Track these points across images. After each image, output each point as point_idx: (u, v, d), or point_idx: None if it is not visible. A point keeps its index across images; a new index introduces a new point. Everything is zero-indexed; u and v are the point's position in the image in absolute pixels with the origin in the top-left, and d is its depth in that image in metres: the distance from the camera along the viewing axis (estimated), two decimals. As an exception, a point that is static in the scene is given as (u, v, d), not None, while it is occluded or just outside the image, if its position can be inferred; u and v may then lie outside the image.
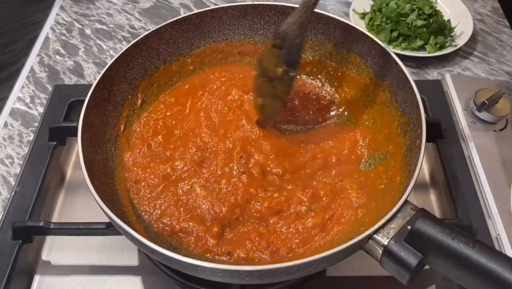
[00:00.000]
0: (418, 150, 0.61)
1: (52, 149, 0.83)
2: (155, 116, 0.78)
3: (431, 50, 1.00)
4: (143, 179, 0.71)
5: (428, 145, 0.84)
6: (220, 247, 0.63)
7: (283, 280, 0.60)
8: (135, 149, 0.74)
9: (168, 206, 0.68)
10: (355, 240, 0.53)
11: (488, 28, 1.10)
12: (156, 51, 0.80)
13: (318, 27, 0.81)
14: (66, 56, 1.07)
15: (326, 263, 0.56)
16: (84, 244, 0.76)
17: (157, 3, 1.20)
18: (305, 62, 0.85)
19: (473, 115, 0.84)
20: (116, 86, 0.75)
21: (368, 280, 0.72)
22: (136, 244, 0.57)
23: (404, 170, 0.65)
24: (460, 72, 1.00)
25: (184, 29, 0.81)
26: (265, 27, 0.84)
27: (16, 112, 0.95)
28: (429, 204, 0.81)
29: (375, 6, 1.08)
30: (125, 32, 1.13)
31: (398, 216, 0.55)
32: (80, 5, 1.21)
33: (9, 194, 0.78)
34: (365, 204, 0.65)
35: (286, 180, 0.69)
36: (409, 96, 0.68)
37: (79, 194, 0.84)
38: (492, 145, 0.81)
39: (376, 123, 0.75)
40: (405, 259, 0.52)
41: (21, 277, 0.72)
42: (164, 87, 0.83)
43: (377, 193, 0.66)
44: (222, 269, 0.51)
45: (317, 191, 0.67)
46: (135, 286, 0.72)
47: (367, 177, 0.69)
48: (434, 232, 0.51)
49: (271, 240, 0.63)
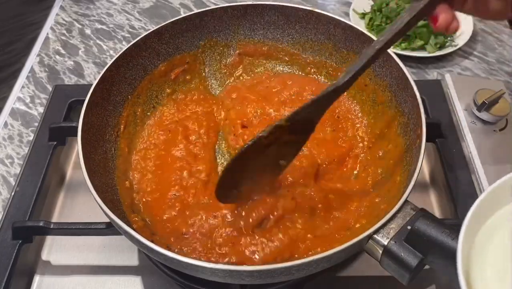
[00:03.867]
0: (418, 150, 0.61)
1: (52, 149, 0.83)
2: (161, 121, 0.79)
3: (431, 50, 1.00)
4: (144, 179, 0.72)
5: (428, 145, 0.84)
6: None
7: (283, 280, 0.60)
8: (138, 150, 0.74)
9: (169, 207, 0.68)
10: (355, 240, 0.53)
11: (488, 28, 1.10)
12: (156, 51, 0.80)
13: (318, 27, 0.81)
14: (66, 56, 1.07)
15: (326, 263, 0.56)
16: (84, 244, 0.76)
17: (157, 3, 1.20)
18: (305, 62, 0.85)
19: (473, 115, 0.84)
20: (116, 86, 0.75)
21: (368, 280, 0.72)
22: (136, 244, 0.57)
23: (404, 170, 0.65)
24: (460, 72, 1.00)
25: (184, 29, 0.81)
26: (265, 27, 0.84)
27: (16, 112, 0.95)
28: (429, 204, 0.81)
29: (375, 6, 1.08)
30: (125, 32, 1.13)
31: (398, 216, 0.55)
32: (80, 5, 1.20)
33: (9, 194, 0.78)
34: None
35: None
36: (409, 96, 0.68)
37: (79, 194, 0.84)
38: (492, 145, 0.80)
39: (376, 123, 0.75)
40: (405, 259, 0.52)
41: (21, 277, 0.72)
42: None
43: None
44: (222, 269, 0.51)
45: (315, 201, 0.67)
46: (135, 286, 0.72)
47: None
48: (434, 232, 0.51)
49: None
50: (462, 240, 0.43)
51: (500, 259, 0.44)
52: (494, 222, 0.46)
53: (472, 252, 0.44)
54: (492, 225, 0.46)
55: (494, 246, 0.44)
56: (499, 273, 0.43)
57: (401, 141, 0.69)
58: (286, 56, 0.86)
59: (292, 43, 0.84)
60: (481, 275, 0.43)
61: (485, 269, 0.43)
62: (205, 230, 0.65)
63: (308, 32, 0.82)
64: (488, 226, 0.46)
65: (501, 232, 0.45)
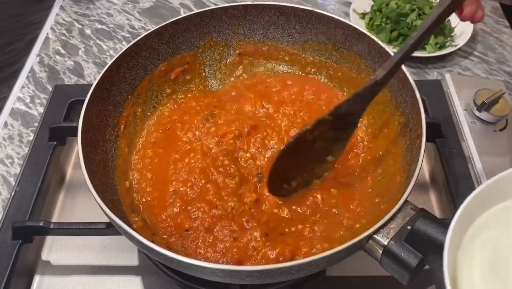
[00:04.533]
0: (418, 150, 0.61)
1: (52, 149, 0.83)
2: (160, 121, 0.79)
3: (431, 50, 1.00)
4: (144, 179, 0.72)
5: (428, 145, 0.84)
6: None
7: (283, 280, 0.60)
8: (138, 150, 0.75)
9: (168, 206, 0.68)
10: (355, 240, 0.53)
11: (488, 28, 1.10)
12: (156, 51, 0.80)
13: (318, 27, 0.81)
14: (66, 56, 1.07)
15: (326, 263, 0.56)
16: (84, 244, 0.76)
17: (157, 3, 1.20)
18: (305, 62, 0.85)
19: (473, 115, 0.84)
20: (116, 86, 0.75)
21: (368, 280, 0.72)
22: (136, 244, 0.57)
23: (404, 170, 0.65)
24: (460, 72, 1.00)
25: (184, 29, 0.81)
26: (265, 27, 0.84)
27: (16, 112, 0.95)
28: (429, 204, 0.81)
29: (375, 6, 1.08)
30: (125, 32, 1.13)
31: (398, 216, 0.55)
32: (80, 5, 1.20)
33: (9, 194, 0.78)
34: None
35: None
36: (409, 96, 0.68)
37: (79, 194, 0.84)
38: (492, 145, 0.81)
39: (376, 123, 0.75)
40: (405, 259, 0.52)
41: (21, 277, 0.72)
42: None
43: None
44: (222, 269, 0.51)
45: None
46: (135, 286, 0.72)
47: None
48: (434, 232, 0.51)
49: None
50: (449, 242, 0.44)
51: (487, 259, 0.44)
52: (481, 222, 0.47)
53: (460, 252, 0.45)
54: (480, 225, 0.47)
55: (481, 247, 0.45)
56: (485, 274, 0.43)
57: (401, 141, 0.69)
58: (286, 56, 0.86)
59: (292, 43, 0.84)
60: (468, 275, 0.43)
61: (472, 269, 0.44)
62: (208, 224, 0.65)
63: (308, 32, 0.82)
64: (475, 226, 0.47)
65: (488, 233, 0.46)
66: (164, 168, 0.73)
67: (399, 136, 0.70)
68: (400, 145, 0.69)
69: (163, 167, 0.73)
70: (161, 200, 0.69)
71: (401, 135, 0.69)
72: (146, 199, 0.70)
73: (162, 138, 0.77)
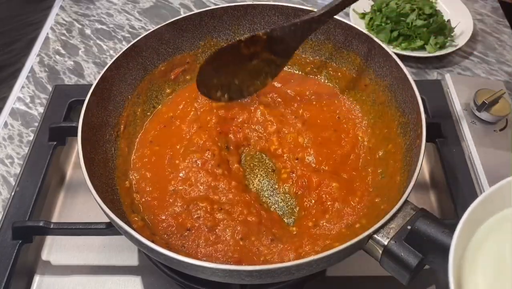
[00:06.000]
0: (418, 150, 0.61)
1: (52, 149, 0.83)
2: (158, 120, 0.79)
3: (431, 50, 1.00)
4: (144, 179, 0.71)
5: (428, 145, 0.84)
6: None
7: (283, 280, 0.60)
8: (136, 149, 0.75)
9: (169, 206, 0.68)
10: (355, 240, 0.53)
11: (488, 28, 1.10)
12: (156, 51, 0.80)
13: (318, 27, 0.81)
14: (66, 56, 1.07)
15: (326, 263, 0.56)
16: (84, 244, 0.76)
17: (157, 3, 1.20)
18: (305, 62, 0.85)
19: (473, 115, 0.84)
20: (116, 86, 0.75)
21: (368, 280, 0.72)
22: (136, 244, 0.57)
23: (404, 170, 0.65)
24: (460, 72, 1.00)
25: (184, 29, 0.81)
26: (265, 27, 0.84)
27: (16, 112, 0.95)
28: (429, 204, 0.81)
29: (375, 6, 1.08)
30: (125, 32, 1.13)
31: (398, 216, 0.55)
32: (80, 5, 1.20)
33: (9, 194, 0.78)
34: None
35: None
36: (409, 96, 0.68)
37: (79, 194, 0.84)
38: (492, 145, 0.81)
39: (376, 123, 0.75)
40: (405, 259, 0.52)
41: (21, 277, 0.72)
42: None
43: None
44: (222, 269, 0.51)
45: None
46: (135, 286, 0.72)
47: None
48: (434, 232, 0.51)
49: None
50: (454, 247, 0.43)
51: (491, 265, 0.44)
52: (487, 227, 0.46)
53: (465, 257, 0.45)
54: (486, 230, 0.46)
55: (486, 252, 0.45)
56: (490, 281, 0.43)
57: (401, 141, 0.69)
58: (286, 56, 0.86)
59: (292, 43, 0.84)
60: (473, 280, 0.43)
61: (477, 274, 0.43)
62: (210, 223, 0.65)
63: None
64: (481, 231, 0.46)
65: (494, 238, 0.46)
66: (162, 166, 0.73)
67: (399, 136, 0.70)
68: (400, 145, 0.69)
69: (161, 165, 0.73)
70: (161, 199, 0.69)
71: (401, 135, 0.69)
72: (146, 198, 0.70)
73: (158, 136, 0.77)
